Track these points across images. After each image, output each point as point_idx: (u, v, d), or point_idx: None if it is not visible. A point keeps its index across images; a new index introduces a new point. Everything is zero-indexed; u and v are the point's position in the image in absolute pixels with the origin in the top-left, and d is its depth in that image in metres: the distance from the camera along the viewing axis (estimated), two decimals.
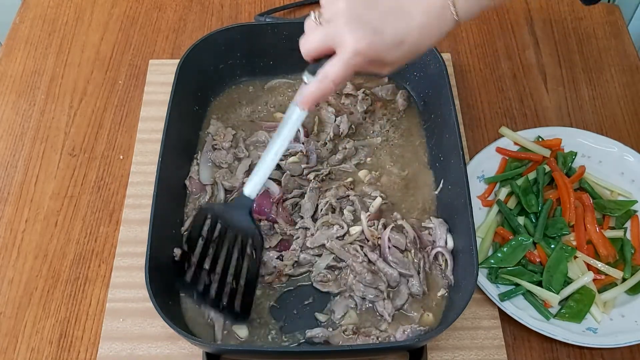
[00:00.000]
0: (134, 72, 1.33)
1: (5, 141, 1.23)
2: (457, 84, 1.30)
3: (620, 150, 1.15)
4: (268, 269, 1.02)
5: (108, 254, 1.09)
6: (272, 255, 1.04)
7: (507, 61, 1.35)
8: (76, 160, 1.20)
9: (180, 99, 1.10)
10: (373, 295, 0.99)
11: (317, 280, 1.02)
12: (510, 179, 1.13)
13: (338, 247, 1.03)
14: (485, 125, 1.25)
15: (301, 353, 0.95)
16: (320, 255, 1.04)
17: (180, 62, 1.12)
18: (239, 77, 1.26)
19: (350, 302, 1.00)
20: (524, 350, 1.01)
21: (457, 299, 0.95)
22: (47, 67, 1.34)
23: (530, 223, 1.08)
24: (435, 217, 1.07)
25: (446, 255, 1.02)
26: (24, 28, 1.41)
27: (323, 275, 1.02)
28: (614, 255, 1.04)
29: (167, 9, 1.44)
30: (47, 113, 1.27)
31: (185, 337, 0.87)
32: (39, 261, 1.09)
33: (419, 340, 0.89)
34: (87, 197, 1.16)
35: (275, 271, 1.02)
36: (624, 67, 1.34)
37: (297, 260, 1.03)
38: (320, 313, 1.00)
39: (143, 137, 1.21)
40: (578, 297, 1.01)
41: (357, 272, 1.00)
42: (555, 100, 1.29)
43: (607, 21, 1.42)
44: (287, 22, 1.28)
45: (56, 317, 1.03)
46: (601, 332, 0.98)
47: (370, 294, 0.99)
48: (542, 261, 1.04)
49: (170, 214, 1.05)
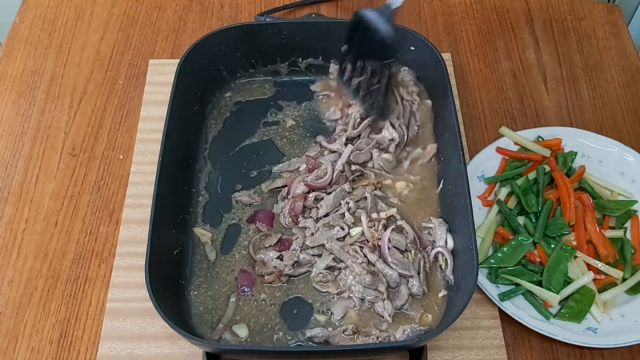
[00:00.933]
0: (134, 72, 1.33)
1: (5, 141, 1.23)
2: (457, 83, 1.30)
3: (620, 150, 1.15)
4: (268, 269, 1.03)
5: (108, 254, 1.09)
6: (272, 255, 1.04)
7: (507, 61, 1.35)
8: (76, 160, 1.20)
9: (181, 99, 1.10)
10: (372, 296, 0.99)
11: (317, 280, 1.02)
12: (510, 178, 1.13)
13: (338, 247, 1.03)
14: (485, 125, 1.25)
15: (301, 353, 0.95)
16: (319, 256, 1.04)
17: (180, 62, 1.12)
18: (239, 77, 1.26)
19: (349, 302, 1.00)
20: (524, 350, 1.01)
21: (457, 299, 0.95)
22: (47, 67, 1.34)
23: (530, 223, 1.08)
24: (435, 217, 1.07)
25: (446, 255, 1.02)
26: (24, 28, 1.41)
27: (322, 275, 1.02)
28: (614, 255, 1.04)
29: (167, 9, 1.44)
30: (47, 113, 1.27)
31: (185, 336, 0.87)
32: (39, 261, 1.09)
33: (419, 340, 0.89)
34: (87, 197, 1.16)
35: (275, 271, 1.02)
36: (624, 67, 1.34)
37: (297, 260, 1.03)
38: (319, 314, 1.00)
39: (143, 137, 1.21)
40: (578, 297, 1.01)
41: (356, 273, 1.00)
42: (556, 100, 1.29)
43: (607, 21, 1.42)
44: (287, 22, 1.28)
45: (56, 316, 1.03)
46: (601, 332, 0.98)
47: (369, 295, 0.99)
48: (542, 261, 1.04)
49: (171, 213, 1.05)
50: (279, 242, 1.06)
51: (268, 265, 1.03)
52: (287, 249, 1.05)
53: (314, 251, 1.04)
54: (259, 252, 1.05)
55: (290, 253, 1.04)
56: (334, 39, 1.20)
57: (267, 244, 1.06)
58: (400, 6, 1.03)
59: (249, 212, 1.11)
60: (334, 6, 1.43)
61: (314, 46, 1.22)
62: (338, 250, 1.03)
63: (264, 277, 1.02)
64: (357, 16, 1.05)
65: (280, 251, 1.05)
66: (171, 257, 1.02)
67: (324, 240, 1.04)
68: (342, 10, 1.43)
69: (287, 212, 1.08)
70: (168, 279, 0.99)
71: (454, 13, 1.44)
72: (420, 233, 1.06)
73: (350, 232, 1.05)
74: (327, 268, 1.03)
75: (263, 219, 1.09)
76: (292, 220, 1.08)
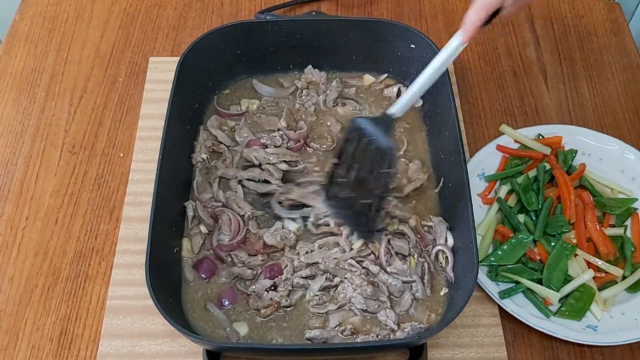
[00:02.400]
0: (134, 70, 1.33)
1: (6, 139, 1.23)
2: (458, 81, 1.30)
3: (621, 148, 1.15)
4: (264, 302, 0.99)
5: (108, 252, 1.09)
6: (264, 284, 1.00)
7: (508, 59, 1.35)
8: (76, 157, 1.20)
9: (181, 97, 1.09)
10: (375, 306, 0.98)
11: (313, 304, 1.00)
12: (511, 176, 1.13)
13: (333, 265, 1.01)
14: (485, 123, 1.25)
15: (301, 351, 0.95)
16: (313, 277, 1.02)
17: (181, 60, 1.12)
18: (239, 75, 1.26)
19: (349, 313, 0.99)
20: (524, 347, 1.01)
21: (457, 297, 0.96)
22: (47, 65, 1.34)
23: (531, 221, 1.08)
24: (435, 216, 1.07)
25: (447, 252, 1.02)
26: (24, 25, 1.40)
27: (318, 297, 1.00)
28: (614, 253, 1.05)
29: (167, 7, 1.44)
30: (47, 110, 1.27)
31: (186, 334, 0.87)
32: (39, 259, 1.09)
33: (419, 338, 0.90)
34: (87, 195, 1.16)
35: (272, 303, 0.98)
36: (624, 65, 1.34)
37: (291, 288, 1.00)
38: (310, 330, 0.97)
39: (143, 135, 1.21)
40: (578, 295, 1.01)
41: (356, 285, 0.99)
42: (556, 98, 1.29)
43: (607, 19, 1.42)
44: (288, 20, 1.28)
45: (56, 314, 1.03)
46: (601, 329, 0.98)
47: (371, 307, 0.98)
48: (542, 259, 1.04)
49: (171, 211, 1.05)
50: (268, 268, 1.02)
51: (263, 299, 0.99)
52: (277, 275, 1.01)
53: (306, 272, 1.01)
54: (250, 285, 1.01)
55: (284, 283, 1.00)
56: (335, 36, 1.20)
57: (254, 249, 1.03)
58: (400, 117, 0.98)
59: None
60: (334, 4, 1.43)
61: (314, 44, 1.22)
62: (333, 268, 1.01)
63: (260, 311, 0.99)
64: (355, 125, 0.98)
65: (272, 278, 1.01)
66: (171, 254, 1.02)
67: (318, 259, 1.01)
68: (343, 8, 1.43)
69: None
70: (168, 277, 0.99)
71: (455, 10, 1.44)
72: (423, 233, 1.06)
73: (352, 246, 1.03)
74: (322, 289, 1.00)
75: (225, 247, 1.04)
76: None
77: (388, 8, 1.43)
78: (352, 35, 1.20)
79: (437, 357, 0.98)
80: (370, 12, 1.43)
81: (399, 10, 1.43)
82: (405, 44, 1.18)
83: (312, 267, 1.02)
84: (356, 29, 1.20)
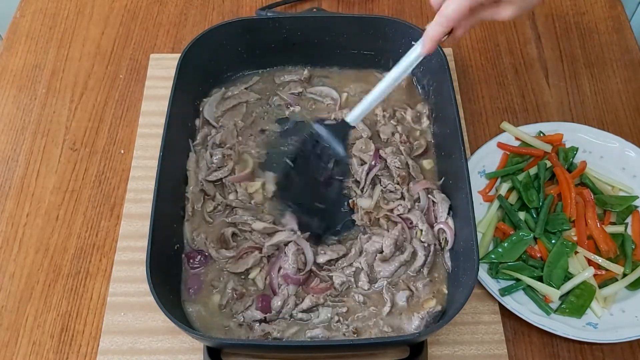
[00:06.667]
0: (135, 67, 1.33)
1: (7, 135, 1.23)
2: (459, 78, 1.29)
3: (622, 145, 1.15)
4: (255, 333, 0.96)
5: (109, 248, 1.09)
6: (255, 315, 0.97)
7: (509, 56, 1.35)
8: (77, 154, 1.20)
9: (181, 94, 1.09)
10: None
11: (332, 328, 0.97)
12: (512, 174, 1.13)
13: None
14: (486, 120, 1.25)
15: (302, 348, 0.95)
16: (313, 311, 0.99)
17: (181, 57, 1.12)
18: (240, 72, 1.26)
19: None
20: (524, 345, 1.01)
21: (458, 294, 0.96)
22: (47, 61, 1.34)
23: (531, 218, 1.08)
24: (439, 192, 1.08)
25: (447, 232, 1.02)
26: (25, 22, 1.40)
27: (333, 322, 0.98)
28: (615, 250, 1.05)
29: (168, 3, 1.44)
30: (48, 107, 1.27)
31: (187, 331, 0.87)
32: (40, 255, 1.09)
33: (419, 334, 0.90)
34: (88, 192, 1.16)
35: (263, 333, 0.96)
36: (625, 62, 1.34)
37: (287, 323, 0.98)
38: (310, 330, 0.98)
39: (144, 132, 1.21)
40: (578, 292, 1.01)
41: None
42: (557, 95, 1.29)
43: (609, 16, 1.41)
44: (289, 16, 1.28)
45: (57, 311, 1.04)
46: (601, 327, 0.98)
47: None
48: (542, 256, 1.04)
49: (172, 208, 1.05)
50: (260, 299, 0.99)
51: (255, 330, 0.96)
52: (267, 307, 0.98)
53: (307, 304, 0.98)
54: (240, 314, 0.98)
55: (279, 320, 0.97)
56: (336, 33, 1.20)
57: (241, 269, 1.01)
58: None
59: None
60: (335, 1, 1.43)
61: (315, 41, 1.22)
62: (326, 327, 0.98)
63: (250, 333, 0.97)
64: (312, 130, 1.01)
65: (264, 312, 0.97)
66: (172, 251, 1.02)
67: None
68: (344, 5, 1.42)
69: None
70: (169, 274, 0.99)
71: None
72: (431, 206, 1.06)
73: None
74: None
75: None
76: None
77: (389, 5, 1.43)
78: (353, 32, 1.20)
79: (437, 354, 0.98)
80: (371, 9, 1.43)
81: (400, 7, 1.43)
82: (407, 41, 1.18)
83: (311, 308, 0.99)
84: (357, 26, 1.20)
